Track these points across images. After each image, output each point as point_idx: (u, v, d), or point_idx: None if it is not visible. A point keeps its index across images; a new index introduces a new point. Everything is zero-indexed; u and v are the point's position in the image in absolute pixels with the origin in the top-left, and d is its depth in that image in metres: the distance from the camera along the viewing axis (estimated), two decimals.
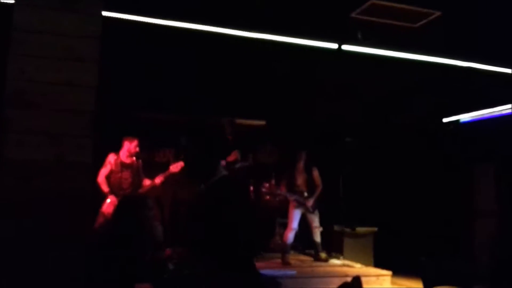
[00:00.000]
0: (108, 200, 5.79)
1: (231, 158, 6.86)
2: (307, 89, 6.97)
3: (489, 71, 5.10)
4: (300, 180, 6.83)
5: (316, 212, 6.87)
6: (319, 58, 5.23)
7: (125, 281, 2.83)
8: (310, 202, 6.76)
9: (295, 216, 6.77)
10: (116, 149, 6.05)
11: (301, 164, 6.90)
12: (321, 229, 6.95)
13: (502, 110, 7.17)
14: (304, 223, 6.95)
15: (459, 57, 4.80)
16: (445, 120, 8.40)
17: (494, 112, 7.43)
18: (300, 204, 6.75)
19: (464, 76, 5.31)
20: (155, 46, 5.35)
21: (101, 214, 5.76)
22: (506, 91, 5.63)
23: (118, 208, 3.11)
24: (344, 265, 6.78)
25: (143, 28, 4.45)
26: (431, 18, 3.89)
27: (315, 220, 6.87)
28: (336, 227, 7.48)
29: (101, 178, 5.81)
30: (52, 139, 2.94)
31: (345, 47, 4.65)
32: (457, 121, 8.24)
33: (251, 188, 7.42)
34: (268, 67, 6.03)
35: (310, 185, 6.83)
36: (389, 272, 6.30)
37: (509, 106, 6.80)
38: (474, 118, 7.94)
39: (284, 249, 6.76)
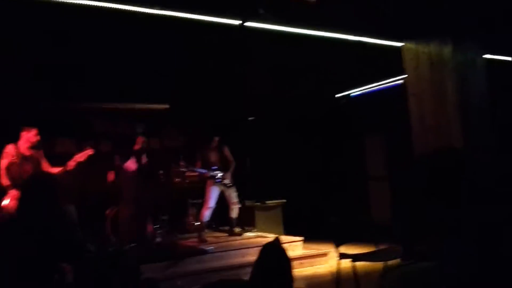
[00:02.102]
0: (8, 197, 5.41)
1: (137, 146, 6.78)
2: (209, 69, 7.02)
3: (378, 45, 5.56)
4: (213, 158, 6.97)
5: (234, 188, 7.05)
6: (222, 36, 5.28)
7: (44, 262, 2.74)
8: (227, 175, 6.92)
9: (213, 194, 6.87)
10: (12, 140, 5.66)
11: (213, 145, 7.03)
12: (239, 205, 7.15)
13: (389, 82, 7.87)
14: (221, 201, 7.09)
15: (350, 32, 5.15)
16: (337, 95, 9.02)
17: (381, 85, 8.13)
18: (217, 180, 6.85)
19: (355, 51, 5.74)
20: (52, 25, 5.02)
21: (1, 210, 5.37)
22: (393, 64, 6.17)
23: (25, 187, 2.97)
24: (258, 237, 7.08)
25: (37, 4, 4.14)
26: None
27: (233, 196, 7.04)
28: (247, 202, 7.75)
29: (1, 171, 5.42)
30: None
31: (248, 23, 4.71)
32: (348, 95, 8.89)
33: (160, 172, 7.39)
34: (170, 46, 5.95)
35: (223, 162, 7.00)
36: (301, 238, 6.74)
37: (394, 78, 7.49)
38: (363, 91, 8.63)
39: (200, 228, 6.87)
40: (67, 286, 2.82)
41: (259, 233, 7.32)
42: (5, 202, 5.38)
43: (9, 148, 5.54)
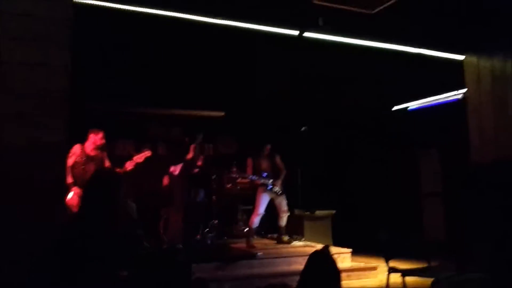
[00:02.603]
0: (72, 192, 5.73)
1: (190, 155, 6.97)
2: (265, 78, 7.12)
3: (438, 57, 5.42)
4: (264, 165, 7.03)
5: (284, 196, 7.07)
6: (280, 46, 5.35)
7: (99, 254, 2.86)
8: (277, 183, 6.98)
9: (263, 201, 6.92)
10: (78, 141, 6.00)
11: (265, 153, 7.12)
12: (288, 213, 7.14)
13: (448, 97, 7.64)
14: (271, 209, 7.13)
15: (410, 44, 5.08)
16: (394, 108, 8.86)
17: (440, 99, 7.90)
18: (267, 187, 6.93)
19: (415, 63, 5.65)
20: (115, 36, 5.29)
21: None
22: (452, 78, 6.01)
23: (90, 181, 3.13)
24: (306, 246, 7.05)
25: (119, 16, 4.39)
26: (387, 4, 4.13)
27: (283, 204, 7.05)
28: (296, 211, 7.76)
29: (66, 169, 5.74)
30: (23, 120, 2.95)
31: (306, 34, 4.74)
32: (405, 108, 8.71)
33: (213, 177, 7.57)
34: (229, 54, 6.08)
35: (274, 170, 7.06)
36: (349, 250, 6.65)
37: (454, 92, 7.27)
38: (421, 105, 8.43)
39: (249, 234, 6.94)
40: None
41: (307, 242, 7.30)
42: (68, 197, 5.69)
43: (76, 148, 5.88)
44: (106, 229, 2.84)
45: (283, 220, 7.14)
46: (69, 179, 5.73)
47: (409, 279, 4.13)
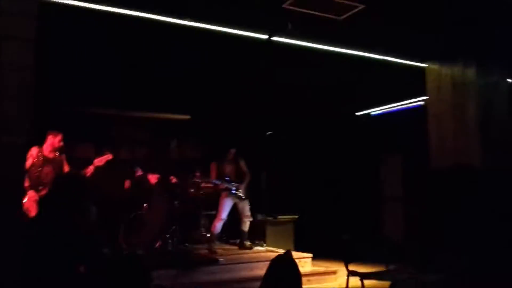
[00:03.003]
0: (27, 197, 5.49)
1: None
2: (231, 82, 7.08)
3: (402, 64, 5.54)
4: (228, 169, 6.96)
5: (247, 201, 7.01)
6: (247, 49, 5.32)
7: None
8: (241, 187, 6.92)
9: (226, 206, 6.84)
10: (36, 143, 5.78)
11: (229, 157, 7.06)
12: (251, 219, 7.09)
13: (411, 102, 7.81)
14: (233, 214, 7.06)
15: (375, 50, 5.15)
16: (357, 113, 8.99)
17: (403, 105, 8.08)
18: (231, 191, 6.87)
19: (378, 70, 5.74)
20: (82, 35, 5.13)
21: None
22: (416, 84, 6.14)
23: (55, 184, 3.03)
24: (268, 251, 7.03)
25: (87, 15, 4.25)
26: (354, 11, 4.17)
27: (246, 209, 6.99)
28: (258, 216, 7.73)
29: None
30: None
31: (275, 38, 4.73)
32: (368, 114, 8.86)
33: (174, 181, 7.46)
34: (194, 57, 6.01)
35: (238, 174, 7.00)
36: (310, 255, 6.68)
37: (416, 99, 7.43)
38: (383, 111, 8.59)
39: (211, 239, 6.86)
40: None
41: (269, 248, 7.28)
42: (24, 203, 5.46)
43: (33, 151, 5.65)
44: (66, 231, 2.75)
45: (246, 225, 7.08)
46: (25, 182, 5.51)
47: (368, 282, 4.18)
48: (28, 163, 5.55)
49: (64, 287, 2.60)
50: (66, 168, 5.89)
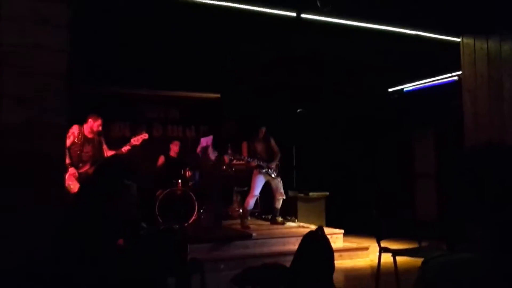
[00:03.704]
0: (68, 173, 5.75)
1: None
2: (260, 61, 7.09)
3: (435, 39, 5.39)
4: (259, 148, 7.07)
5: (279, 179, 7.12)
6: (277, 27, 5.31)
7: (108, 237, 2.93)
8: (272, 165, 7.01)
9: (258, 183, 6.96)
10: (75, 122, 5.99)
11: (260, 136, 7.14)
12: (284, 197, 7.20)
13: (444, 78, 7.64)
14: (266, 190, 7.18)
15: (408, 25, 5.04)
16: (390, 89, 8.85)
17: (435, 80, 7.91)
18: (263, 169, 6.96)
19: (411, 45, 5.63)
20: (110, 17, 5.22)
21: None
22: (449, 60, 5.99)
23: (97, 167, 3.18)
24: (299, 227, 7.14)
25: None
26: None
27: (279, 187, 7.10)
28: (290, 193, 7.82)
29: None
30: (22, 102, 2.96)
31: (304, 15, 4.69)
32: (401, 90, 8.71)
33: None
34: (224, 36, 6.04)
35: (269, 152, 7.10)
36: (341, 231, 6.75)
37: (451, 74, 7.26)
38: (417, 87, 8.43)
39: (244, 215, 7.01)
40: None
41: (301, 224, 7.38)
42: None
43: (74, 129, 5.89)
44: (106, 209, 2.90)
45: (279, 203, 7.20)
46: (66, 160, 5.76)
47: (400, 259, 4.20)
48: (69, 141, 5.81)
49: (104, 259, 2.75)
50: (105, 148, 6.12)
